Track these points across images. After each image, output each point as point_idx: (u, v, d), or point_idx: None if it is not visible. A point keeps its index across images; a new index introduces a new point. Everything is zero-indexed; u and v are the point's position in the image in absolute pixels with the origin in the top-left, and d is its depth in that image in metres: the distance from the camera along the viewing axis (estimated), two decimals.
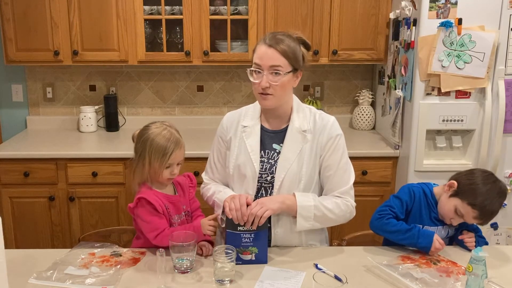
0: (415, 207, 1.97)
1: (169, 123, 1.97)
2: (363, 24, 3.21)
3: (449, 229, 1.98)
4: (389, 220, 1.92)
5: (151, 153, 1.88)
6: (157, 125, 1.94)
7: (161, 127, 1.92)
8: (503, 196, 1.86)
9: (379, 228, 1.95)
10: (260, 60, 1.82)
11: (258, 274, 1.73)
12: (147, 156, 1.88)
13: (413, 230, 1.89)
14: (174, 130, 1.94)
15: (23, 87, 3.58)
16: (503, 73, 2.76)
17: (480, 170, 1.93)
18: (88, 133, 3.48)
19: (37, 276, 1.70)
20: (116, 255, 1.86)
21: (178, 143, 1.90)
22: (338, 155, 1.93)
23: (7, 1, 3.08)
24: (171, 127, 1.95)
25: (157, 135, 1.89)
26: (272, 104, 1.87)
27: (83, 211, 3.10)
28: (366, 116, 3.53)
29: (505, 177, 2.89)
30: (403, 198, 1.97)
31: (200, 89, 3.63)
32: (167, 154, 1.87)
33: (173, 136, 1.90)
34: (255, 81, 1.84)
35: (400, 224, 1.91)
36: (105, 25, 3.15)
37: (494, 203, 1.84)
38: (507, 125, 2.81)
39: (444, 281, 1.68)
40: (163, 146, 1.87)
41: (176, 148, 1.89)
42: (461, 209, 1.86)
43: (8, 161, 3.01)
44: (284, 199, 1.86)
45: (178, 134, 1.94)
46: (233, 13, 3.21)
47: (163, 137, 1.88)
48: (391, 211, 1.95)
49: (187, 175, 2.09)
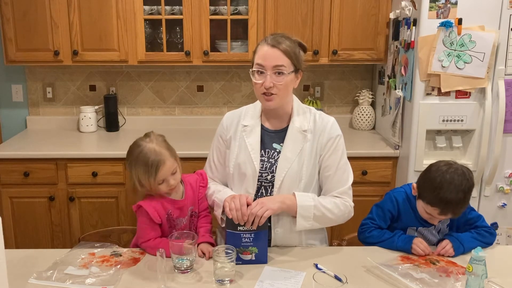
0: (401, 212, 1.98)
1: (153, 136, 1.89)
2: (363, 24, 3.21)
3: (441, 226, 1.97)
4: (371, 234, 1.98)
5: (138, 177, 1.85)
6: (138, 143, 1.87)
7: (139, 147, 1.84)
8: (459, 180, 1.79)
9: (363, 241, 2.03)
10: (263, 60, 1.82)
11: (258, 274, 1.73)
12: (136, 180, 1.86)
13: (394, 236, 1.93)
14: (155, 144, 1.85)
15: (23, 87, 3.58)
16: (503, 73, 2.76)
17: (436, 163, 1.88)
18: (88, 133, 3.48)
19: (37, 276, 1.70)
20: (116, 255, 1.86)
21: (160, 160, 1.82)
22: (337, 156, 1.94)
23: (7, 1, 3.08)
24: (152, 141, 1.86)
25: (137, 159, 1.83)
26: (275, 104, 1.87)
27: (83, 211, 3.10)
28: (366, 116, 3.53)
29: (505, 177, 2.89)
30: (385, 207, 2.00)
31: (200, 89, 3.63)
32: (151, 176, 1.82)
33: (153, 155, 1.82)
34: (258, 82, 1.84)
35: (382, 234, 1.96)
36: (105, 25, 3.15)
37: (451, 191, 1.77)
38: (507, 125, 2.81)
39: (444, 281, 1.68)
40: (145, 170, 1.81)
41: (160, 165, 1.81)
42: (427, 209, 1.86)
43: (8, 161, 3.01)
44: (284, 199, 1.86)
45: (163, 145, 1.87)
46: (233, 13, 3.21)
47: (143, 159, 1.82)
48: (372, 224, 1.99)
49: (200, 174, 2.05)
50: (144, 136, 1.90)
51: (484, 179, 2.90)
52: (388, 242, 1.94)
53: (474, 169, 2.85)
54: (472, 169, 2.83)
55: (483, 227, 1.96)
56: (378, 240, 1.96)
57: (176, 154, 1.92)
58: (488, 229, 1.96)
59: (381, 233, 1.96)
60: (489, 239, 1.94)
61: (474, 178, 2.81)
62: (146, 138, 1.88)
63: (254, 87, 1.88)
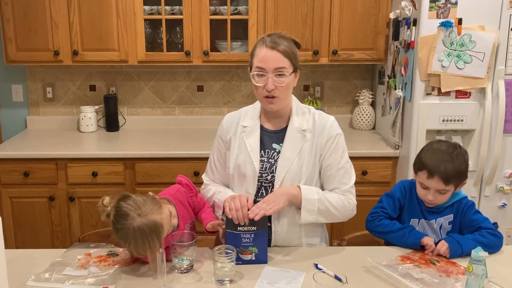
0: (407, 201, 2.01)
1: (131, 207, 1.63)
2: (363, 24, 3.21)
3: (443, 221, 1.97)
4: (381, 222, 1.98)
5: (131, 251, 1.70)
6: (123, 224, 1.62)
7: (128, 230, 1.61)
8: (446, 146, 1.88)
9: (371, 229, 2.02)
10: (264, 63, 1.82)
11: (258, 274, 1.73)
12: (128, 251, 1.73)
13: (404, 229, 1.93)
14: (140, 219, 1.60)
15: (23, 87, 3.58)
16: (503, 73, 2.76)
17: (429, 142, 1.98)
18: (88, 133, 3.48)
19: (35, 278, 1.69)
20: (112, 255, 1.86)
21: (157, 231, 1.61)
22: (338, 154, 1.94)
23: (7, 1, 3.08)
24: (134, 218, 1.60)
25: (136, 244, 1.62)
26: (278, 107, 1.88)
27: (83, 211, 3.10)
28: (366, 116, 3.53)
29: (505, 177, 2.89)
30: (395, 195, 2.02)
31: (200, 89, 3.63)
32: (141, 254, 1.67)
33: (148, 230, 1.60)
34: (259, 85, 1.84)
35: (393, 224, 1.96)
36: (105, 25, 3.15)
37: (434, 151, 1.87)
38: (507, 125, 2.81)
39: (444, 281, 1.68)
40: (149, 247, 1.62)
41: (161, 234, 1.63)
42: (418, 179, 1.91)
43: (8, 161, 3.01)
44: (289, 190, 1.85)
45: (147, 208, 1.63)
46: (233, 13, 3.20)
47: (142, 243, 1.61)
48: (382, 212, 2.00)
49: (184, 184, 1.93)
50: (120, 215, 1.64)
51: (484, 179, 2.89)
52: (398, 235, 1.92)
53: (474, 169, 2.85)
54: (472, 169, 2.85)
55: (487, 228, 1.91)
56: (388, 229, 1.94)
57: (159, 200, 1.73)
58: (493, 231, 1.90)
59: (391, 223, 1.96)
60: (493, 241, 1.87)
61: (474, 178, 2.85)
62: (127, 217, 1.62)
63: (255, 90, 1.88)
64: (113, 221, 1.65)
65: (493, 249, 1.87)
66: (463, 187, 1.97)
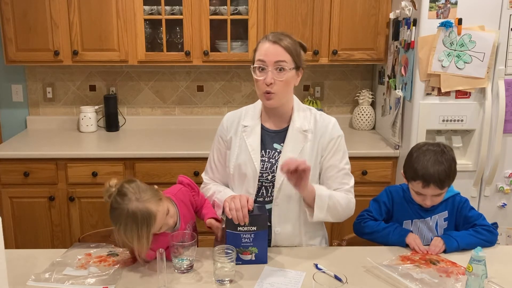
0: (396, 205, 2.04)
1: (128, 190, 1.64)
2: (363, 24, 3.21)
3: (438, 218, 1.98)
4: (366, 223, 2.02)
5: (132, 245, 1.68)
6: (117, 207, 1.63)
7: (123, 211, 1.62)
8: (435, 152, 1.88)
9: (358, 231, 2.07)
10: (265, 56, 1.82)
11: (258, 274, 1.73)
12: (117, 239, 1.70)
13: (389, 227, 1.97)
14: (135, 202, 1.62)
15: (23, 87, 3.58)
16: (503, 73, 2.76)
17: (416, 145, 1.98)
18: (88, 133, 3.48)
19: (35, 278, 1.68)
20: (112, 255, 1.86)
21: (150, 217, 1.62)
22: (339, 156, 1.95)
23: (7, 1, 3.08)
24: (131, 200, 1.62)
25: (125, 228, 1.62)
26: (276, 102, 1.87)
27: (83, 211, 3.10)
28: (366, 116, 3.53)
29: (505, 177, 2.89)
30: (381, 199, 2.06)
31: (200, 89, 3.63)
32: (146, 240, 1.65)
33: (140, 215, 1.61)
34: (259, 78, 1.84)
35: (377, 224, 2.00)
36: (105, 25, 3.15)
37: (427, 160, 1.85)
38: (507, 125, 2.81)
39: (444, 281, 1.68)
40: (138, 236, 1.62)
41: (152, 223, 1.62)
42: (413, 188, 1.92)
43: (8, 161, 3.01)
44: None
45: (144, 196, 1.65)
46: (233, 13, 3.21)
47: (131, 227, 1.62)
48: (368, 215, 2.04)
49: (186, 183, 1.94)
50: (119, 194, 1.66)
51: (484, 179, 2.89)
52: (383, 234, 1.96)
53: (474, 169, 2.85)
54: (472, 169, 2.86)
55: (482, 225, 1.95)
56: (373, 229, 1.99)
57: (161, 195, 1.75)
58: (487, 227, 1.95)
59: (376, 223, 2.01)
60: (488, 237, 1.92)
61: (474, 178, 2.85)
62: (124, 198, 1.64)
63: (256, 84, 1.88)
64: (112, 200, 1.67)
65: (488, 243, 1.92)
66: (463, 188, 1.98)
